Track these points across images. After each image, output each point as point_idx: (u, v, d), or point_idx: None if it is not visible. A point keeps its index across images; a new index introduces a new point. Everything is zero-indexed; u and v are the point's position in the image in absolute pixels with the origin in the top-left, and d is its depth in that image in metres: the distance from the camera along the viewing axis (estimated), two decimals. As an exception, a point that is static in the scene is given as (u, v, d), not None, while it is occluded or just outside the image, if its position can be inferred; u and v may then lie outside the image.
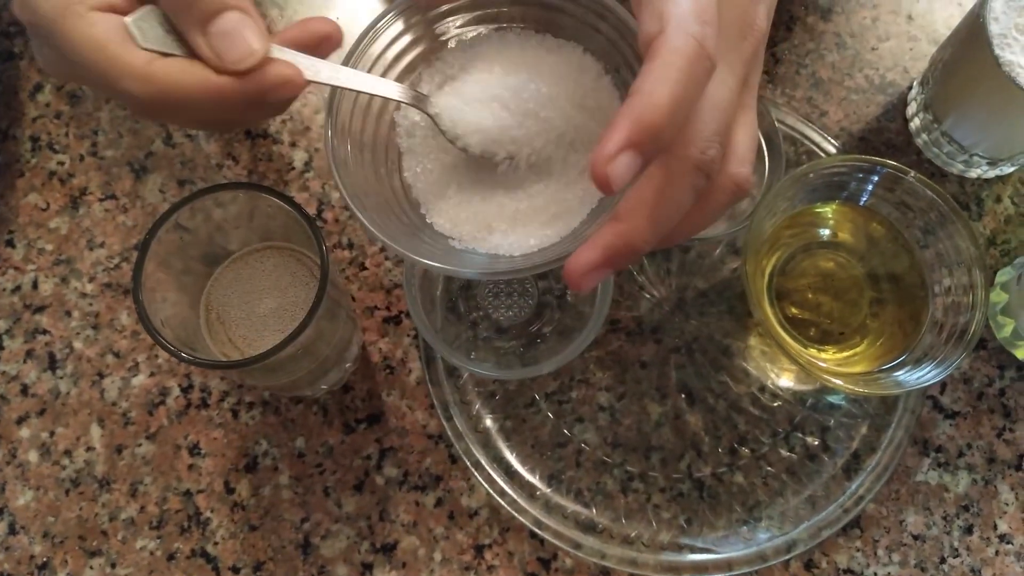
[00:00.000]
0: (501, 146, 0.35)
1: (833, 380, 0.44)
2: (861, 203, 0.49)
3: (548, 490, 0.48)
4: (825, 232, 0.51)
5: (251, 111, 0.33)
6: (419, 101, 0.36)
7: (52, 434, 0.49)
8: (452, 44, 0.39)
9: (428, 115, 0.36)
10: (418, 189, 0.38)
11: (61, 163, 0.54)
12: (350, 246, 0.52)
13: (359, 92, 0.35)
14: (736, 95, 0.32)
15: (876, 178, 0.47)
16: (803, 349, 0.48)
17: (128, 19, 0.32)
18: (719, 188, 0.32)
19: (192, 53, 0.32)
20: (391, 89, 0.35)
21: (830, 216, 0.50)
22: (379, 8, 0.57)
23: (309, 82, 0.33)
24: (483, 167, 0.37)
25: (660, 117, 0.27)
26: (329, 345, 0.43)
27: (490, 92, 0.36)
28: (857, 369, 0.48)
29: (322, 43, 0.34)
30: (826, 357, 0.49)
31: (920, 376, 0.45)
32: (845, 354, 0.49)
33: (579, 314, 0.49)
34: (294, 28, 0.34)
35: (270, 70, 0.32)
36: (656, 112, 0.27)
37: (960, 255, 0.46)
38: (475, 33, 0.38)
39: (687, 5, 0.28)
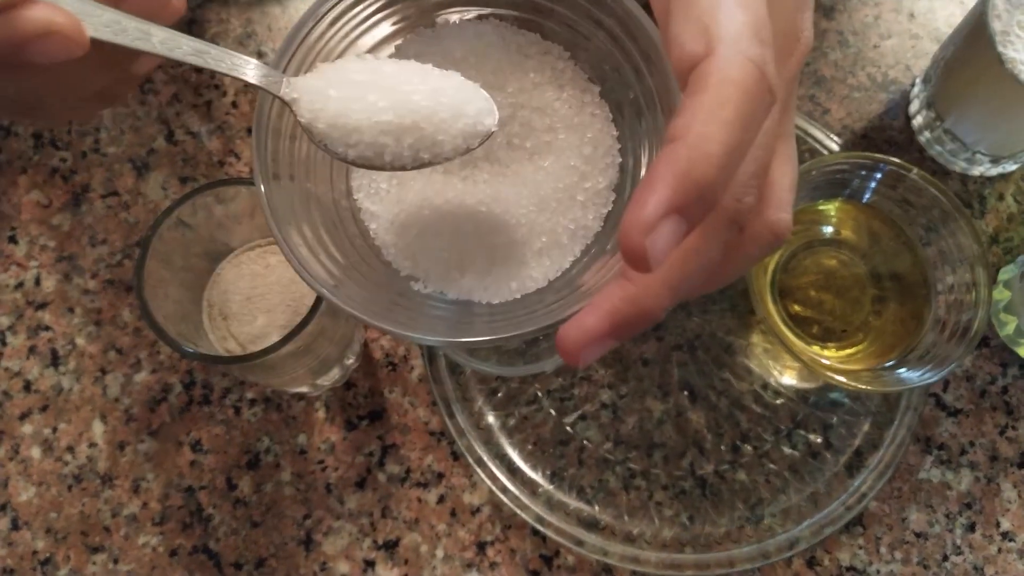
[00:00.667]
0: (378, 154, 0.27)
1: (836, 377, 0.44)
2: (863, 201, 0.49)
3: (550, 487, 0.48)
4: (828, 230, 0.51)
5: (12, 75, 0.25)
6: (273, 83, 0.28)
7: (55, 430, 0.49)
8: (421, 30, 0.32)
9: (284, 103, 0.28)
10: (369, 213, 0.31)
11: (63, 160, 0.54)
12: (352, 243, 0.52)
13: (201, 67, 0.28)
14: (777, 125, 0.25)
15: (879, 176, 0.47)
16: (805, 347, 0.48)
17: None
18: (754, 238, 0.26)
19: None
20: (240, 65, 0.27)
21: (832, 214, 0.50)
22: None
23: (93, 40, 0.25)
24: (452, 184, 0.30)
25: (713, 172, 0.21)
26: (331, 342, 0.43)
27: (374, 79, 0.27)
28: (859, 367, 0.48)
29: (160, 10, 0.28)
30: (828, 355, 0.49)
31: (922, 374, 0.45)
32: (847, 352, 0.49)
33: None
34: None
35: (26, 14, 0.23)
36: (709, 165, 0.21)
37: (962, 253, 0.46)
38: (456, 18, 0.32)
39: (742, 18, 0.22)
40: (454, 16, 0.32)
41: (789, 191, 0.27)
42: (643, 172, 0.30)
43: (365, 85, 0.27)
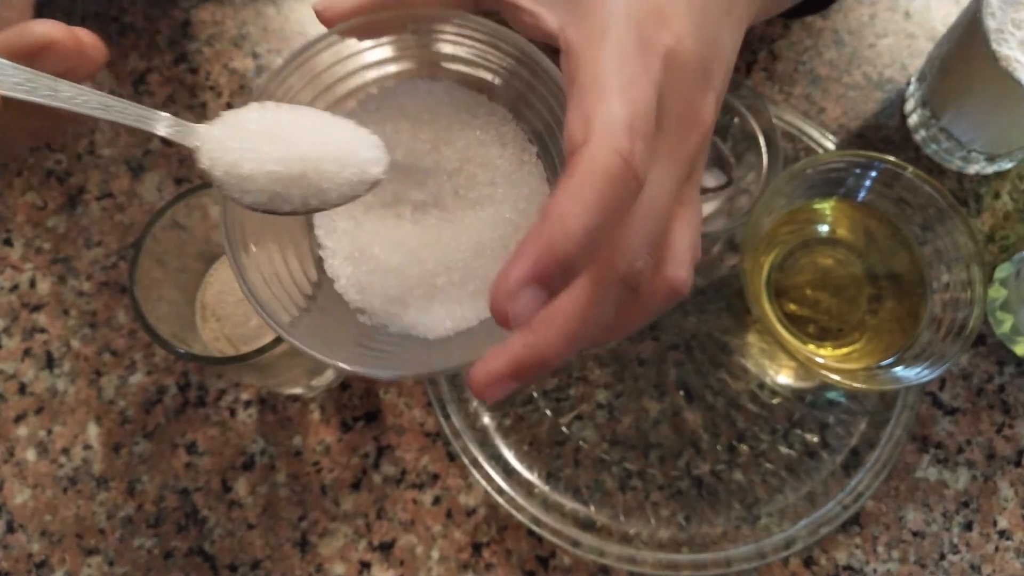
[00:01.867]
0: (271, 200, 0.29)
1: (832, 376, 0.44)
2: (859, 199, 0.49)
3: (546, 488, 0.48)
4: (823, 228, 0.51)
5: None
6: (182, 133, 0.29)
7: (50, 432, 0.49)
8: (374, 89, 0.34)
9: (189, 150, 0.29)
10: (327, 248, 0.33)
11: (59, 162, 0.54)
12: (347, 244, 0.52)
13: (96, 117, 0.28)
14: (674, 197, 0.28)
15: (874, 174, 0.47)
16: (802, 346, 0.48)
17: None
18: (651, 293, 0.29)
19: None
20: (146, 117, 0.28)
21: (828, 212, 0.50)
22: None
23: (7, 98, 0.26)
24: (402, 226, 0.33)
25: (572, 247, 0.24)
26: (326, 342, 0.43)
27: (269, 129, 0.29)
28: (856, 365, 0.48)
29: (42, 53, 0.28)
30: (825, 354, 0.49)
31: (919, 372, 0.45)
32: (844, 351, 0.49)
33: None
34: (6, 32, 0.27)
35: None
36: (567, 241, 0.23)
37: (958, 251, 0.46)
38: (404, 78, 0.34)
39: (618, 111, 0.25)
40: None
41: (688, 251, 0.29)
42: None
43: (259, 135, 0.28)
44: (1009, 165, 0.53)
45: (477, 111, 0.34)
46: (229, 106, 0.54)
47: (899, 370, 0.46)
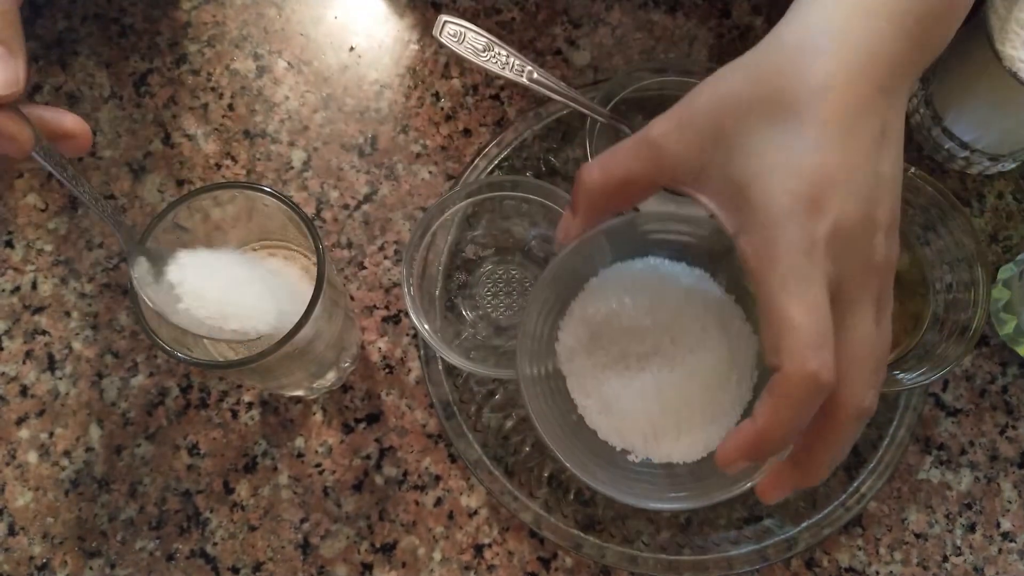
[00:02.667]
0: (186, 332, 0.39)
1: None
2: (861, 200, 0.49)
3: (548, 489, 0.48)
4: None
5: None
6: (137, 265, 0.38)
7: (51, 435, 0.49)
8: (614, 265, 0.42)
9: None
10: (582, 405, 0.41)
11: (60, 164, 0.53)
12: (349, 245, 0.52)
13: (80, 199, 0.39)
14: (869, 337, 0.32)
15: (876, 174, 0.47)
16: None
17: None
18: (843, 417, 0.32)
19: None
20: (116, 222, 0.38)
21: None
22: (381, 9, 0.57)
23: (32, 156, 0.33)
24: (637, 375, 0.40)
25: (773, 444, 0.31)
26: (327, 345, 0.43)
27: (186, 289, 0.38)
28: (858, 367, 0.48)
29: (62, 139, 0.34)
30: (827, 355, 0.48)
31: (921, 373, 0.45)
32: (846, 352, 0.49)
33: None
34: (47, 109, 0.34)
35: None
36: (770, 441, 0.30)
37: (961, 251, 0.46)
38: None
39: (799, 339, 0.29)
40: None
41: (874, 374, 0.32)
42: None
43: (179, 295, 0.38)
44: (1012, 165, 0.53)
45: (681, 276, 0.41)
46: (231, 108, 0.54)
47: (902, 372, 0.46)
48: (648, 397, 0.40)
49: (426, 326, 0.45)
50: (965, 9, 0.36)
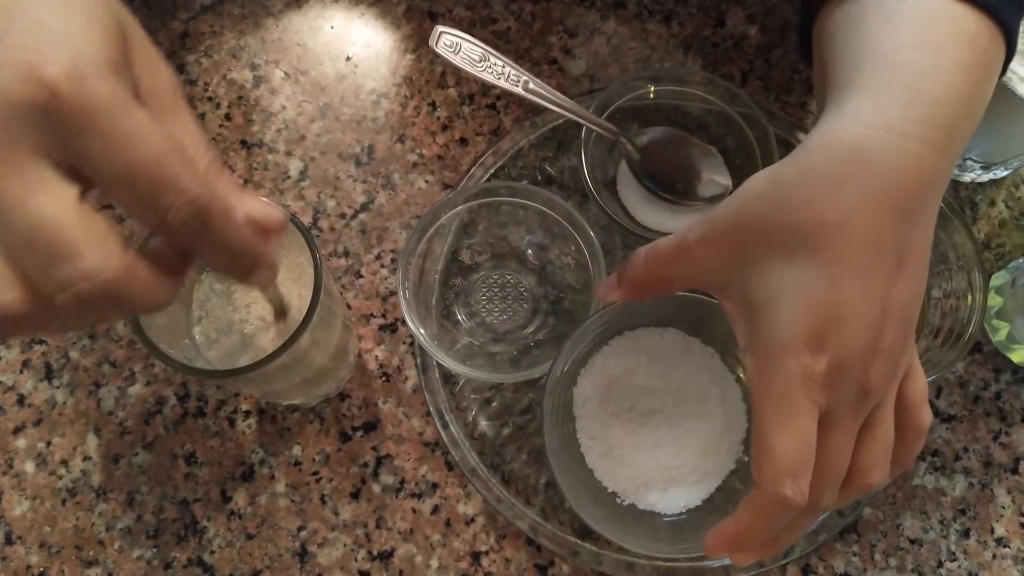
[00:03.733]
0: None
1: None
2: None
3: (545, 496, 0.48)
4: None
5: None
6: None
7: (49, 444, 0.49)
8: (625, 333, 0.48)
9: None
10: (587, 447, 0.46)
11: (57, 173, 0.54)
12: (346, 254, 0.52)
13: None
14: (847, 453, 0.34)
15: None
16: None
17: None
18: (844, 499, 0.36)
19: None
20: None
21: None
22: (377, 19, 0.57)
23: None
24: (641, 431, 0.46)
25: (751, 543, 0.34)
26: (324, 354, 0.43)
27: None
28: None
29: (271, 231, 0.32)
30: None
31: (915, 380, 0.45)
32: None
33: (574, 320, 0.49)
34: (263, 206, 0.31)
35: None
36: (747, 541, 0.34)
37: (958, 258, 0.46)
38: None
39: (783, 463, 0.32)
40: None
41: (874, 474, 0.35)
42: None
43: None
44: (1004, 173, 0.53)
45: (692, 350, 0.47)
46: (228, 118, 0.54)
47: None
48: (646, 449, 0.45)
49: (422, 331, 0.45)
50: (987, 102, 0.36)
